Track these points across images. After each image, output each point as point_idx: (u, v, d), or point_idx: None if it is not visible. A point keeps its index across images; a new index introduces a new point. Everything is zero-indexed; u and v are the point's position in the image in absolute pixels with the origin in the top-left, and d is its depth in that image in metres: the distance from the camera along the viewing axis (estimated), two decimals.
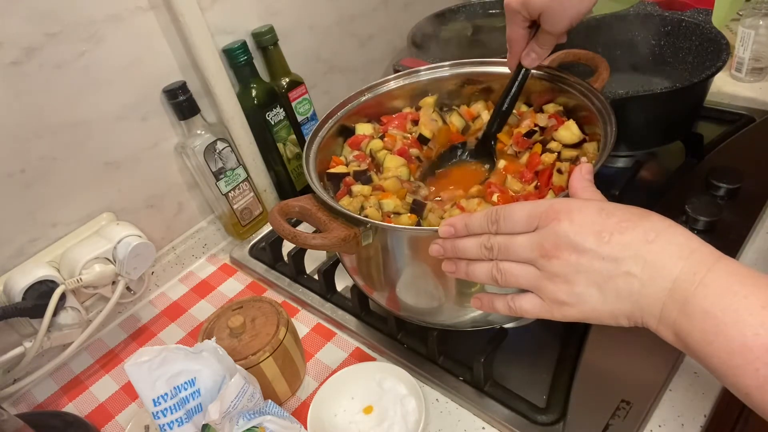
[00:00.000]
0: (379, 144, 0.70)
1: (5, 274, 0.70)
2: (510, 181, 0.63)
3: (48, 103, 0.69)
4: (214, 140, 0.82)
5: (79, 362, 0.77)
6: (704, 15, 0.87)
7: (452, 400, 0.62)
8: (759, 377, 0.33)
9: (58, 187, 0.73)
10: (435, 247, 0.49)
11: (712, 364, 0.36)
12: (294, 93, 0.91)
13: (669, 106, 0.79)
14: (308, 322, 0.76)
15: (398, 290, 0.59)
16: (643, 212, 0.41)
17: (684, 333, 0.37)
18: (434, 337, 0.63)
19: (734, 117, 0.91)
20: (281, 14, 0.91)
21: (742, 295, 0.35)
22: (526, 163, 0.65)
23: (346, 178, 0.65)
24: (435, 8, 1.08)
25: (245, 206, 0.90)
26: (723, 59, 0.76)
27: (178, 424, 0.52)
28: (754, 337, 0.33)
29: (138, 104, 0.78)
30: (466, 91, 0.74)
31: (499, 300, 0.48)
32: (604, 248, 0.39)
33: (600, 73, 0.66)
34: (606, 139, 0.56)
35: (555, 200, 0.43)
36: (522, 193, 0.61)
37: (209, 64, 0.81)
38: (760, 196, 0.74)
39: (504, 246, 0.44)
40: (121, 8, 0.72)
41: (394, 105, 0.75)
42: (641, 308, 0.39)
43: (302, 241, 0.52)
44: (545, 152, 0.64)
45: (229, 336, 0.62)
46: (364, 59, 1.09)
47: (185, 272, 0.90)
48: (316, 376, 0.68)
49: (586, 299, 0.41)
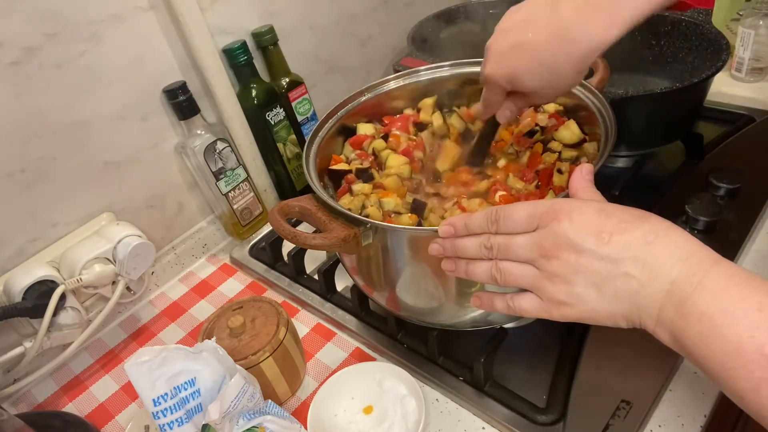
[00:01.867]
0: (381, 144, 0.70)
1: (5, 274, 0.70)
2: (512, 179, 0.63)
3: (48, 103, 0.69)
4: (214, 140, 0.82)
5: (79, 362, 0.77)
6: (704, 15, 0.87)
7: (452, 400, 0.62)
8: (753, 379, 0.33)
9: (58, 187, 0.73)
10: (435, 246, 0.49)
11: (708, 366, 0.36)
12: (294, 93, 0.91)
13: (669, 106, 0.79)
14: (308, 322, 0.76)
15: (398, 290, 0.59)
16: (642, 214, 0.41)
17: (680, 334, 0.37)
18: (434, 337, 0.63)
19: (734, 117, 0.91)
20: (281, 14, 0.91)
21: (739, 298, 0.35)
22: (527, 162, 0.65)
23: (348, 175, 0.65)
24: (435, 8, 1.08)
25: (245, 206, 0.90)
26: (723, 59, 0.76)
27: (178, 424, 0.52)
28: (750, 339, 0.33)
29: (138, 104, 0.78)
30: (466, 91, 0.74)
31: (498, 299, 0.48)
32: (603, 249, 0.39)
33: (600, 73, 0.66)
34: (606, 139, 0.56)
35: (555, 200, 0.43)
36: (523, 192, 0.61)
37: (209, 64, 0.81)
38: (760, 196, 0.74)
39: (504, 246, 0.44)
40: (121, 8, 0.72)
41: (394, 105, 0.75)
42: (639, 309, 0.39)
43: (302, 241, 0.52)
44: (546, 152, 0.64)
45: (229, 336, 0.62)
46: (364, 59, 1.09)
47: (185, 272, 0.90)
48: (316, 376, 0.68)
49: (584, 299, 0.41)
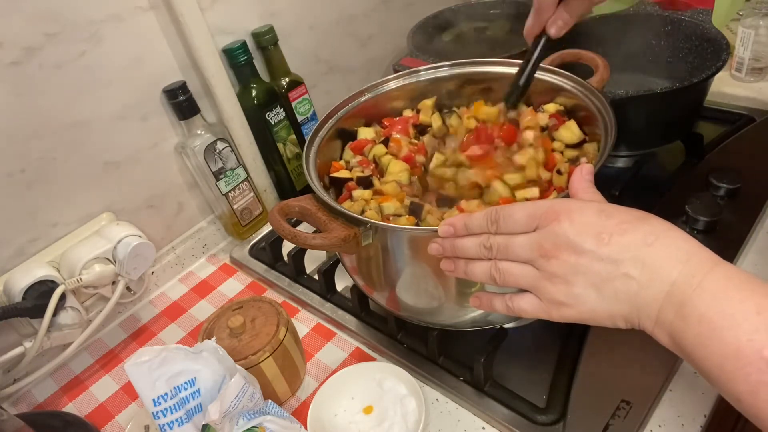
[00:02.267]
0: (382, 149, 0.69)
1: (5, 274, 0.70)
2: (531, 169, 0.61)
3: (48, 103, 0.69)
4: (214, 140, 0.82)
5: (79, 362, 0.77)
6: (704, 15, 0.87)
7: (452, 400, 0.62)
8: (750, 382, 0.33)
9: (58, 187, 0.73)
10: (434, 245, 0.49)
11: (706, 368, 0.36)
12: (294, 93, 0.91)
13: (669, 106, 0.79)
14: (308, 322, 0.76)
15: (398, 290, 0.59)
16: (642, 215, 0.41)
17: (679, 336, 0.37)
18: (434, 337, 0.63)
19: (734, 117, 0.91)
20: (281, 14, 0.91)
21: (738, 300, 0.35)
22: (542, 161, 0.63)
23: (349, 183, 0.65)
24: (435, 8, 1.08)
25: (245, 206, 0.90)
26: (723, 59, 0.76)
27: (178, 424, 0.52)
28: (748, 342, 0.33)
29: (138, 104, 0.78)
30: (466, 91, 0.74)
31: (497, 299, 0.48)
32: (603, 249, 0.39)
33: (600, 73, 0.66)
34: (606, 139, 0.56)
35: (555, 201, 0.43)
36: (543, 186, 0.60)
37: (209, 64, 0.81)
38: (760, 196, 0.74)
39: (503, 246, 0.44)
40: (121, 8, 0.72)
41: (394, 105, 0.75)
42: (638, 310, 0.39)
43: (302, 241, 0.52)
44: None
45: (229, 336, 0.62)
46: (364, 59, 1.09)
47: (185, 272, 0.90)
48: (316, 376, 0.68)
49: (584, 300, 0.41)
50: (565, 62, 0.71)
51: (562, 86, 0.66)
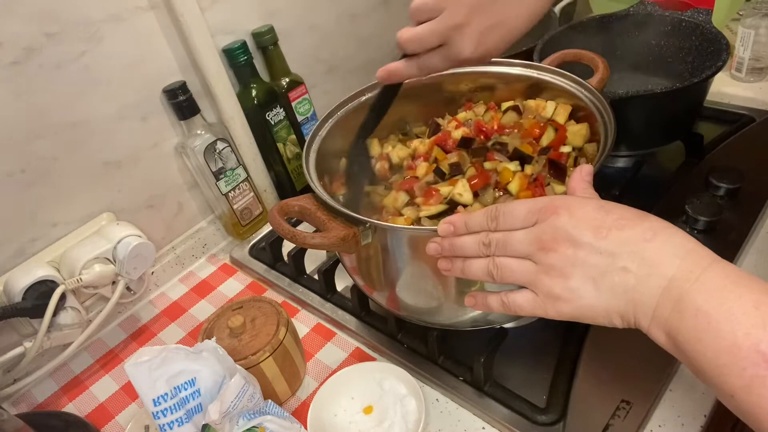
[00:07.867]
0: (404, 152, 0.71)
1: (5, 274, 0.70)
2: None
3: (48, 103, 0.69)
4: (214, 140, 0.82)
5: (79, 362, 0.77)
6: (704, 15, 0.87)
7: (452, 400, 0.62)
8: (745, 377, 0.33)
9: (59, 187, 0.73)
10: (432, 245, 0.49)
11: (700, 363, 0.36)
12: (294, 93, 0.91)
13: (669, 106, 0.79)
14: (308, 322, 0.76)
15: (398, 290, 0.59)
16: (641, 213, 0.41)
17: (675, 331, 0.37)
18: (434, 337, 0.63)
19: (734, 117, 0.91)
20: (281, 14, 0.91)
21: (737, 295, 0.35)
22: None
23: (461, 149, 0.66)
24: None
25: (245, 206, 0.90)
26: (723, 59, 0.76)
27: (178, 424, 0.52)
28: (745, 336, 0.33)
29: (138, 104, 0.78)
30: (466, 90, 0.74)
31: (492, 297, 0.47)
32: (601, 243, 0.39)
33: (600, 73, 0.66)
34: (606, 139, 0.56)
35: (555, 197, 0.43)
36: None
37: (209, 64, 0.81)
38: (760, 196, 0.74)
39: (502, 241, 0.44)
40: (121, 8, 0.72)
41: (393, 105, 0.74)
42: (635, 305, 0.39)
43: (302, 241, 0.52)
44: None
45: (229, 336, 0.62)
46: (364, 59, 1.09)
47: (185, 272, 0.90)
48: (316, 376, 0.68)
49: (581, 294, 0.40)
50: (565, 62, 0.71)
51: (562, 86, 0.66)
